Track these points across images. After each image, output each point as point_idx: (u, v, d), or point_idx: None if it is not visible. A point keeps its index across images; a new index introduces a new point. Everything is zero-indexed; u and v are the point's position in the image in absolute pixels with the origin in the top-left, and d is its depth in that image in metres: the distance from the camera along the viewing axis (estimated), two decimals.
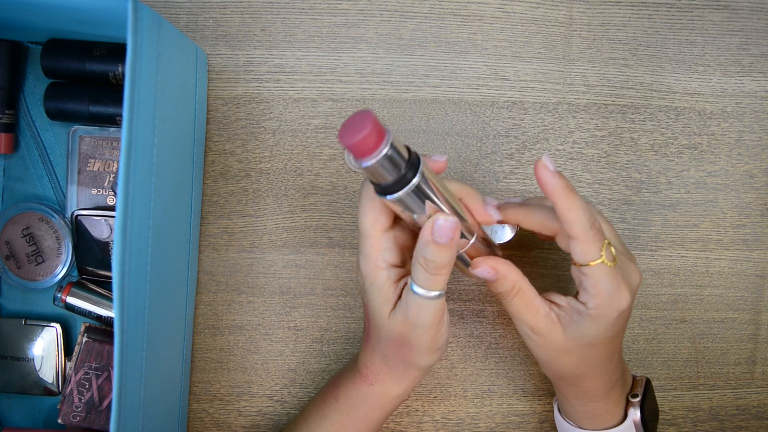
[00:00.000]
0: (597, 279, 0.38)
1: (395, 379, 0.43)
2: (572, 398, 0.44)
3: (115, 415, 0.34)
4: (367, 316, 0.42)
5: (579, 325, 0.39)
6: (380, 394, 0.43)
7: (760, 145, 0.53)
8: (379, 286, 0.39)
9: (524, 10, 0.51)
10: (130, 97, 0.33)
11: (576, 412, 0.45)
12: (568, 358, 0.41)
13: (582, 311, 0.39)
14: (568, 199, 0.37)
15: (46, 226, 0.49)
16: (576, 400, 0.44)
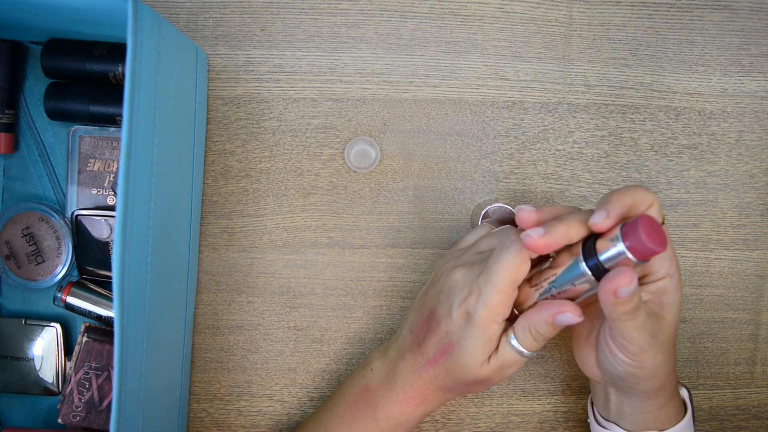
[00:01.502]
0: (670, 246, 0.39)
1: (441, 402, 0.44)
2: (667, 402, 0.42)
3: (115, 415, 0.34)
4: (446, 351, 0.41)
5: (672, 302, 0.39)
6: (423, 415, 0.44)
7: (760, 145, 0.53)
8: (488, 338, 0.39)
9: (524, 10, 0.51)
10: (130, 97, 0.33)
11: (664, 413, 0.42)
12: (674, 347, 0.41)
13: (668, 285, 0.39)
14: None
15: (46, 226, 0.49)
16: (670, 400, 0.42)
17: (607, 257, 0.35)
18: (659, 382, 0.40)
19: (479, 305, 0.39)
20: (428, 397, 0.43)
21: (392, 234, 0.52)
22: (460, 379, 0.41)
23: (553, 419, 0.54)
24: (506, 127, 0.52)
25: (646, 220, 0.34)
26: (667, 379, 0.40)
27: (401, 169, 0.52)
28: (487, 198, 0.52)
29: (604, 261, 0.35)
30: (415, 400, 0.43)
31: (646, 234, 0.34)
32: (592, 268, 0.36)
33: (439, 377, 0.42)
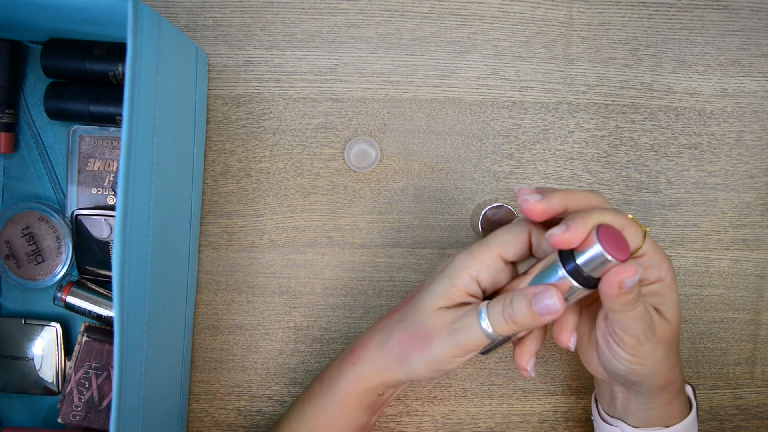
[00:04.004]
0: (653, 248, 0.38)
1: (378, 366, 0.42)
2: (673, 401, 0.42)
3: (115, 415, 0.34)
4: (409, 298, 0.42)
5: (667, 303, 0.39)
6: (357, 378, 0.43)
7: (760, 145, 0.53)
8: (453, 281, 0.39)
9: (524, 10, 0.51)
10: (130, 96, 0.33)
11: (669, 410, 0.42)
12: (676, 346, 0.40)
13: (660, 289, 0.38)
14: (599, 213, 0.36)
15: (46, 225, 0.49)
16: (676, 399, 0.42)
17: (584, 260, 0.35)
18: (662, 378, 0.40)
19: (461, 253, 0.40)
20: (366, 352, 0.42)
21: (392, 234, 0.52)
22: (406, 324, 0.40)
23: (553, 419, 0.54)
24: (506, 127, 0.52)
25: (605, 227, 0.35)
26: (671, 375, 0.40)
27: (401, 169, 0.52)
28: (487, 198, 0.52)
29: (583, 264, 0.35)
30: (353, 356, 0.43)
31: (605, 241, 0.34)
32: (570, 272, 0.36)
33: (387, 324, 0.42)
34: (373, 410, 0.45)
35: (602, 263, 0.34)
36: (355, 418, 0.44)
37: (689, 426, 0.43)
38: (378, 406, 0.45)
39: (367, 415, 0.44)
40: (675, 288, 0.39)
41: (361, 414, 0.44)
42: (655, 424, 0.42)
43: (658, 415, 0.42)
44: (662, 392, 0.41)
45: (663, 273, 0.38)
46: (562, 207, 0.37)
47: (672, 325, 0.39)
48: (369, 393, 0.43)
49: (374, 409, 0.45)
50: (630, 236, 0.37)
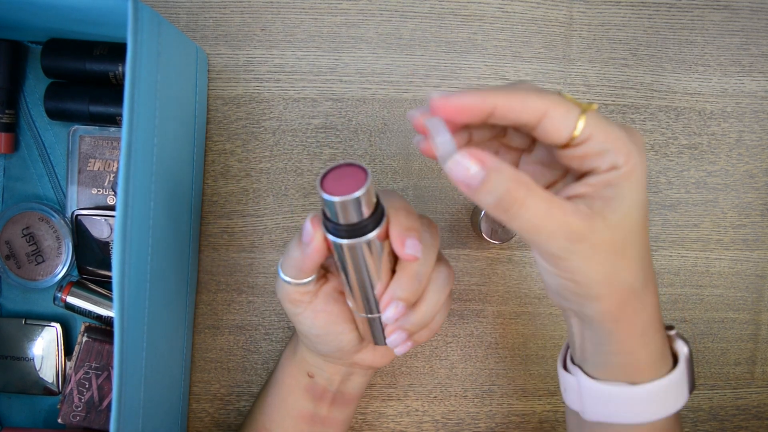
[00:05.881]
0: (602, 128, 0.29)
1: (296, 339, 0.44)
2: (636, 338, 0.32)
3: (115, 415, 0.34)
4: None
5: (618, 197, 0.29)
6: (286, 356, 0.45)
7: (760, 145, 0.53)
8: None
9: (524, 10, 0.51)
10: (130, 97, 0.33)
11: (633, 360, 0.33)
12: (628, 258, 0.31)
13: (613, 178, 0.30)
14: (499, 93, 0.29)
15: (46, 225, 0.49)
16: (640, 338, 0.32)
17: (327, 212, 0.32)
18: (609, 305, 0.31)
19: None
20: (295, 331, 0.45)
21: None
22: None
23: (553, 419, 0.54)
24: None
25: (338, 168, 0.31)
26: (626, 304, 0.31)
27: (401, 169, 0.51)
28: None
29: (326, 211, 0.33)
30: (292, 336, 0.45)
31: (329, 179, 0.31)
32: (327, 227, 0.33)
33: None
34: (315, 397, 0.44)
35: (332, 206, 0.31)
36: (296, 401, 0.44)
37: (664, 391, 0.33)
38: (320, 394, 0.44)
39: (309, 401, 0.44)
40: (635, 178, 0.30)
41: (301, 398, 0.44)
42: (616, 376, 0.33)
43: (617, 363, 0.33)
44: (617, 328, 0.32)
45: (620, 158, 0.29)
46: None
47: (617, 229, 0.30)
48: (298, 371, 0.44)
49: (316, 396, 0.44)
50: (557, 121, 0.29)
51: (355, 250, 0.33)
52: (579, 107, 0.29)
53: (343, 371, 0.44)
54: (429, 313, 0.37)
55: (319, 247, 0.34)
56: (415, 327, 0.37)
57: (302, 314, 0.38)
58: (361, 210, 0.32)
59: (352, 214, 0.32)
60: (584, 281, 0.30)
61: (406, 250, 0.33)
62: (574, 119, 0.29)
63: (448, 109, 0.29)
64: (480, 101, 0.29)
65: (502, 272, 0.52)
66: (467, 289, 0.52)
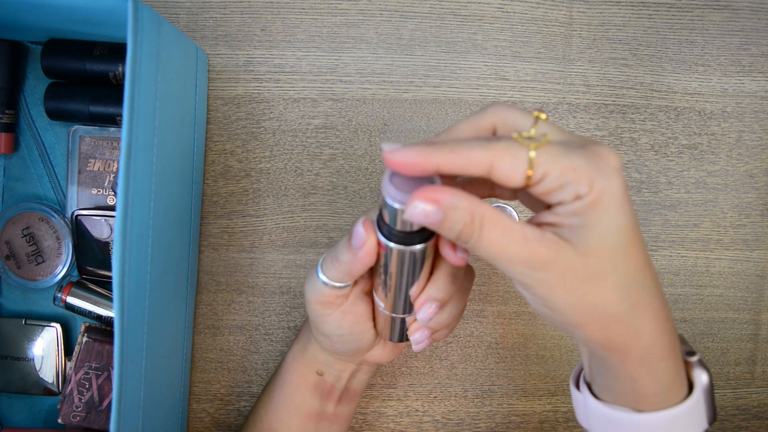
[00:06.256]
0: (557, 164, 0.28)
1: (306, 336, 0.44)
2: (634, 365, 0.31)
3: (115, 415, 0.34)
4: None
5: (589, 225, 0.29)
6: (294, 354, 0.45)
7: (760, 145, 0.53)
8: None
9: (524, 10, 0.51)
10: (130, 97, 0.33)
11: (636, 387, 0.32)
12: (603, 286, 0.29)
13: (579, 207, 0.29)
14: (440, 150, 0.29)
15: (46, 226, 0.49)
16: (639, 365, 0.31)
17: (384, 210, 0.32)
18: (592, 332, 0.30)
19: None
20: (303, 329, 0.45)
21: None
22: None
23: (553, 419, 0.54)
24: None
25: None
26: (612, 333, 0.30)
27: None
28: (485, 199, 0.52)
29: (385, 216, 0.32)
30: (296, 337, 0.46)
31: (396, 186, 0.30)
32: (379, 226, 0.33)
33: None
34: (322, 394, 0.44)
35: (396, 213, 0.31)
36: (303, 399, 0.44)
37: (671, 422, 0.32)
38: (328, 391, 0.44)
39: (317, 399, 0.44)
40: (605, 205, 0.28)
41: (309, 396, 0.44)
42: (620, 401, 0.33)
43: (620, 389, 0.32)
44: (611, 356, 0.31)
45: (581, 188, 0.28)
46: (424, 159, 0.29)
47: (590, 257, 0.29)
48: (307, 370, 0.44)
49: (324, 394, 0.44)
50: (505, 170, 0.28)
51: (406, 255, 0.33)
52: (528, 147, 0.29)
53: (351, 368, 0.44)
54: (454, 313, 0.37)
55: (371, 252, 0.34)
56: (440, 326, 0.38)
57: (331, 315, 0.38)
58: None
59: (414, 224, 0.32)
60: (557, 308, 0.30)
61: (459, 254, 0.33)
62: (523, 164, 0.28)
63: (393, 164, 0.29)
64: (423, 160, 0.29)
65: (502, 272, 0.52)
66: None
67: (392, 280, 0.35)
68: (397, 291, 0.36)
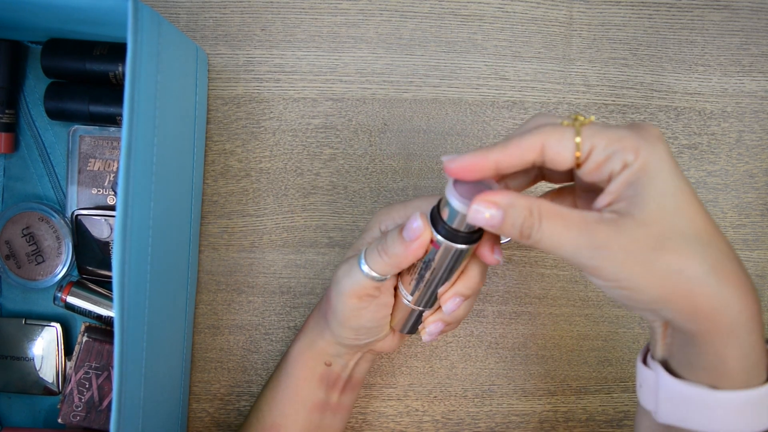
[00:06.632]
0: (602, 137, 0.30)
1: (315, 331, 0.44)
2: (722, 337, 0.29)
3: (115, 415, 0.34)
4: None
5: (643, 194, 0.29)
6: (302, 347, 0.45)
7: (760, 145, 0.53)
8: (365, 235, 0.41)
9: (524, 10, 0.51)
10: (130, 96, 0.33)
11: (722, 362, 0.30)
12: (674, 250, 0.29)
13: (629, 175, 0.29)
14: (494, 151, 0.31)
15: (46, 225, 0.49)
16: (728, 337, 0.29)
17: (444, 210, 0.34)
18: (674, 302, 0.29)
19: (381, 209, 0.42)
20: (307, 323, 0.45)
21: None
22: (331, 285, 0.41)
23: (553, 419, 0.54)
24: (506, 127, 0.52)
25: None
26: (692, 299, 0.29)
27: (401, 169, 0.52)
28: None
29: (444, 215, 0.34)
30: (300, 332, 0.46)
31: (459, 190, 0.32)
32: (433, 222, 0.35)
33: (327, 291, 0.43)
34: (328, 385, 0.45)
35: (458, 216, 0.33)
36: (310, 391, 0.45)
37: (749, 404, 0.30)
38: (334, 381, 0.45)
39: (323, 390, 0.45)
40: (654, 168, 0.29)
41: (315, 387, 0.44)
42: (699, 378, 0.30)
43: (702, 364, 0.30)
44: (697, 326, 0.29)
45: (628, 156, 0.29)
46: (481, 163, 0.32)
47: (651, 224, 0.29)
48: (315, 362, 0.44)
49: (330, 384, 0.45)
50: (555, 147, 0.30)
51: (451, 253, 0.36)
52: (572, 126, 0.30)
53: (358, 356, 0.45)
54: (468, 309, 0.40)
55: (424, 245, 0.35)
56: (455, 321, 0.40)
57: (366, 308, 0.39)
58: None
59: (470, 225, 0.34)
60: (633, 285, 0.29)
61: (495, 255, 0.36)
62: (570, 139, 0.30)
63: (454, 171, 0.32)
64: (480, 160, 0.31)
65: (502, 272, 0.52)
66: None
67: (431, 275, 0.37)
68: (431, 285, 0.38)
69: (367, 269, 0.38)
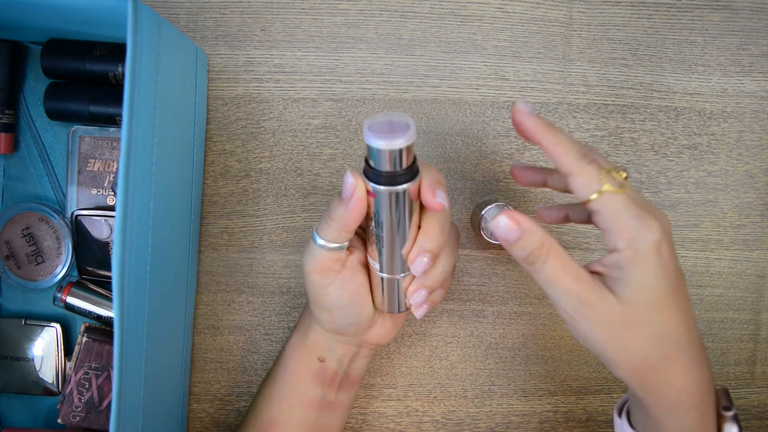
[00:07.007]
0: (611, 209, 0.33)
1: (306, 323, 0.44)
2: (663, 409, 0.35)
3: (115, 415, 0.34)
4: None
5: (626, 280, 0.33)
6: (295, 342, 0.45)
7: (760, 145, 0.53)
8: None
9: (524, 10, 0.51)
10: (130, 97, 0.33)
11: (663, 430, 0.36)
12: (637, 333, 0.33)
13: (619, 261, 0.33)
14: (551, 135, 0.35)
15: (46, 226, 0.49)
16: (667, 410, 0.35)
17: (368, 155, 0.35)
18: (627, 372, 0.34)
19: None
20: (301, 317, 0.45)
21: None
22: None
23: (553, 419, 0.54)
24: (506, 128, 0.52)
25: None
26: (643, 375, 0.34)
27: None
28: (487, 198, 0.52)
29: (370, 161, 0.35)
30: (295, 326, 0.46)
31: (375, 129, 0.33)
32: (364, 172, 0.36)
33: None
34: (324, 382, 0.44)
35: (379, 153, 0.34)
36: (305, 388, 0.44)
37: None
38: (330, 378, 0.45)
39: (319, 387, 0.44)
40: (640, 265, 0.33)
41: (311, 384, 0.44)
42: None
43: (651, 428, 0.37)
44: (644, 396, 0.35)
45: (621, 243, 0.33)
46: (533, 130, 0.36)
47: (628, 307, 0.33)
48: (309, 358, 0.44)
49: (326, 381, 0.44)
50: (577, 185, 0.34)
51: (393, 197, 0.35)
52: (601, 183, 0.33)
53: (352, 351, 0.44)
54: (446, 268, 0.40)
55: (361, 198, 0.36)
56: (436, 283, 0.40)
57: (331, 285, 0.40)
58: (403, 158, 0.34)
59: (397, 161, 0.34)
60: (594, 345, 0.34)
61: (437, 198, 0.36)
62: (589, 191, 0.34)
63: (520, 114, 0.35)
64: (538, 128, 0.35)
65: (502, 272, 0.52)
66: (467, 289, 0.52)
67: (383, 232, 0.37)
68: (390, 245, 0.38)
69: (322, 241, 0.39)
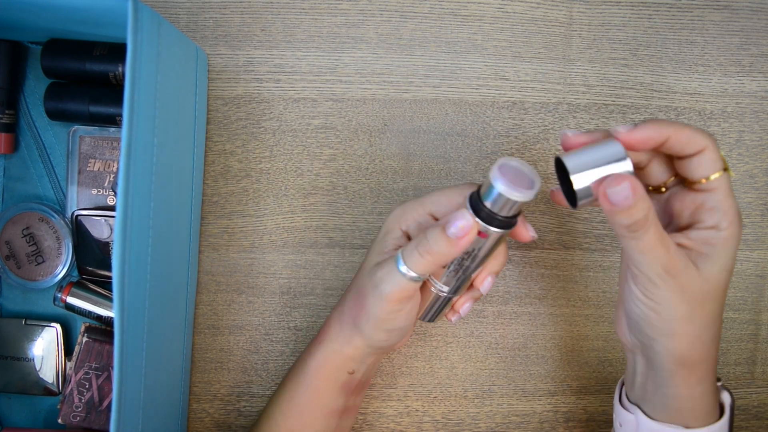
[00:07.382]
0: (725, 190, 0.35)
1: (340, 340, 0.42)
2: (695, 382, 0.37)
3: (115, 415, 0.34)
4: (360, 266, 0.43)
5: (714, 257, 0.35)
6: (324, 357, 0.43)
7: (760, 145, 0.53)
8: (386, 237, 0.41)
9: (524, 10, 0.51)
10: (130, 97, 0.33)
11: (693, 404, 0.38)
12: (708, 310, 0.36)
13: (713, 238, 0.35)
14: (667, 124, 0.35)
15: (46, 226, 0.49)
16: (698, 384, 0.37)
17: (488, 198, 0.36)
18: (680, 346, 0.36)
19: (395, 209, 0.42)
20: (328, 329, 0.43)
21: None
22: (353, 289, 0.42)
23: (553, 419, 0.54)
24: (506, 128, 0.52)
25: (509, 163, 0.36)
26: (693, 348, 0.36)
27: (401, 169, 0.52)
28: None
29: (488, 203, 0.36)
30: (319, 338, 0.44)
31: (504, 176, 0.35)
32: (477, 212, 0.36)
33: (344, 298, 0.43)
34: (348, 391, 0.44)
35: (506, 201, 0.35)
36: (330, 399, 0.44)
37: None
38: (354, 387, 0.44)
39: (343, 396, 0.44)
40: (730, 246, 0.35)
41: (335, 395, 0.44)
42: (673, 419, 0.38)
43: (676, 407, 0.37)
44: (681, 370, 0.36)
45: (724, 222, 0.35)
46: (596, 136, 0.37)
47: (706, 282, 0.35)
48: (338, 372, 0.43)
49: (350, 390, 0.44)
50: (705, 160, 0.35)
51: (497, 239, 0.37)
52: (723, 163, 0.35)
53: (379, 359, 0.45)
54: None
55: (472, 239, 0.37)
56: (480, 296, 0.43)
57: (404, 310, 0.39)
58: (521, 208, 0.37)
59: (515, 209, 0.36)
60: (665, 314, 0.35)
61: (530, 233, 0.39)
62: (715, 168, 0.35)
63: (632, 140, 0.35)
64: (659, 133, 0.35)
65: (503, 272, 0.52)
66: None
67: (471, 263, 0.39)
68: (468, 272, 0.40)
69: (406, 270, 0.38)
